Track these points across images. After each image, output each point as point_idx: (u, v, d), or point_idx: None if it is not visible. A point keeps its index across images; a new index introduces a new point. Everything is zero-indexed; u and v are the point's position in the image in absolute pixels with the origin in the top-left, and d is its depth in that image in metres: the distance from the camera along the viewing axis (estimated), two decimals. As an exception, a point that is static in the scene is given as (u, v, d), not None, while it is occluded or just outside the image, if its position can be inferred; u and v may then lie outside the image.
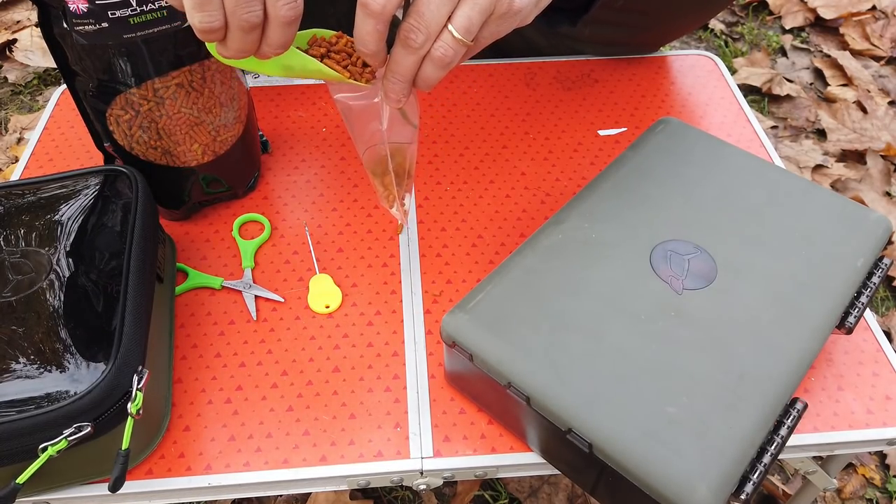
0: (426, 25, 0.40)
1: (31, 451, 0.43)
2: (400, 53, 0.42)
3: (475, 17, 0.40)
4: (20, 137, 1.31)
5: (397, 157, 0.51)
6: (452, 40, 0.41)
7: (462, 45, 0.41)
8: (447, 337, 0.48)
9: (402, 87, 0.43)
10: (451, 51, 0.41)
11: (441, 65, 0.42)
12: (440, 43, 0.41)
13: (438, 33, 0.41)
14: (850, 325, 0.50)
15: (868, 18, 1.54)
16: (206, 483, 0.50)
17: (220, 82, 0.58)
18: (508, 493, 0.87)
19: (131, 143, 0.58)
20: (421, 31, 0.40)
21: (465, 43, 0.41)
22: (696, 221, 0.54)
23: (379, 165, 0.52)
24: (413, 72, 0.43)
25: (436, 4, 0.40)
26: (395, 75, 0.43)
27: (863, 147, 1.27)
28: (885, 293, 1.09)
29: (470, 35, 0.41)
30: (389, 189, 0.53)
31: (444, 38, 0.41)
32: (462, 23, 0.40)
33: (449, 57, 0.42)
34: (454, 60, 0.42)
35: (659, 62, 0.85)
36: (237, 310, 0.60)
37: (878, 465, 0.92)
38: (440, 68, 0.42)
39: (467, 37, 0.41)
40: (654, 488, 0.41)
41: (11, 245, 0.51)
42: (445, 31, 0.41)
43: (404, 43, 0.41)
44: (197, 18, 0.38)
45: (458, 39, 0.41)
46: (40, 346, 0.45)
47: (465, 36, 0.41)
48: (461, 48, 0.42)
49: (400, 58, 0.42)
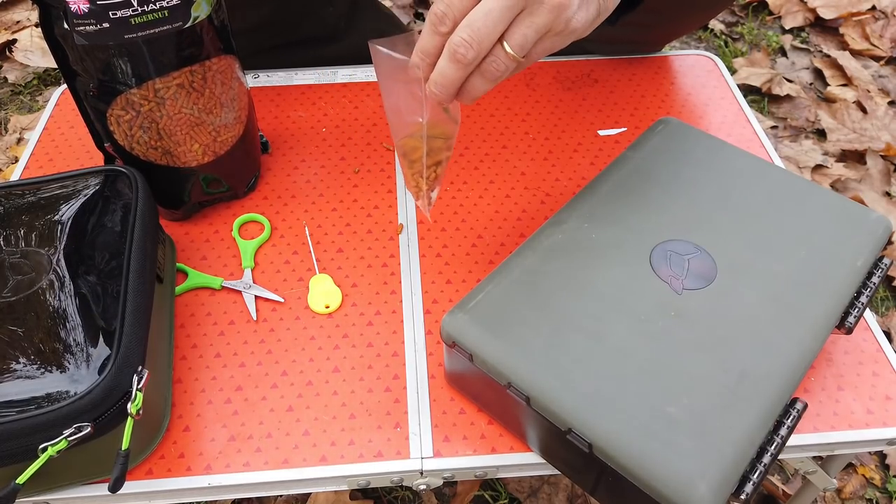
0: (479, 42, 0.38)
1: (31, 451, 0.43)
2: (447, 66, 0.40)
3: (531, 35, 0.39)
4: (20, 137, 1.31)
5: (433, 149, 0.50)
6: (505, 56, 0.39)
7: (514, 61, 0.40)
8: (447, 337, 0.48)
9: (446, 97, 0.42)
10: (503, 66, 0.40)
11: (490, 80, 0.40)
12: (492, 58, 0.39)
13: (491, 49, 0.39)
14: (849, 325, 0.50)
15: (868, 18, 1.54)
16: (206, 483, 0.50)
17: (221, 82, 0.58)
18: (508, 493, 0.87)
19: (132, 143, 0.58)
20: (472, 47, 0.38)
21: (517, 59, 0.40)
22: (696, 221, 0.54)
23: (413, 153, 0.51)
24: (459, 84, 0.41)
25: (493, 20, 0.38)
26: (439, 87, 0.41)
27: (863, 147, 1.27)
28: (885, 293, 1.09)
29: (523, 52, 0.39)
30: (417, 180, 0.52)
31: (497, 53, 0.39)
32: (518, 41, 0.39)
33: (500, 72, 0.40)
34: (504, 76, 0.41)
35: (659, 62, 0.85)
36: (237, 310, 0.60)
37: (878, 465, 0.92)
38: (488, 82, 0.41)
39: (520, 53, 0.39)
40: (654, 488, 0.41)
41: (11, 245, 0.51)
42: (499, 46, 0.39)
43: (452, 56, 0.39)
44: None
45: (510, 56, 0.39)
46: (40, 347, 0.45)
47: (518, 52, 0.39)
48: (513, 64, 0.40)
49: (447, 70, 0.40)
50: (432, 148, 0.50)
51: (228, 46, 0.59)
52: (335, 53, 0.84)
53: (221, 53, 0.58)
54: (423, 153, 0.50)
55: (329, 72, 0.83)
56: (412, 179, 0.52)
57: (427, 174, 0.51)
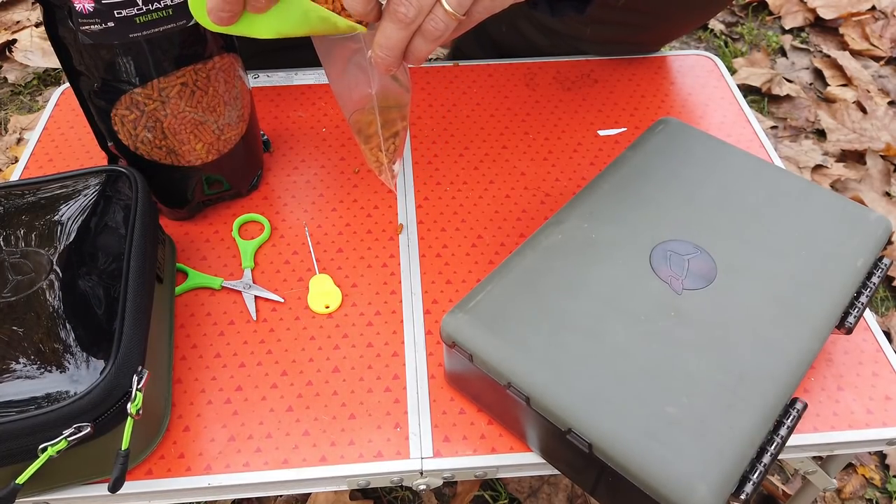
0: (418, 0, 0.38)
1: (30, 451, 0.43)
2: (389, 28, 0.40)
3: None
4: (20, 138, 1.31)
5: (388, 120, 0.49)
6: (444, 14, 0.39)
7: (454, 18, 0.40)
8: (447, 337, 0.48)
9: (392, 60, 0.41)
10: (442, 24, 0.40)
11: (431, 39, 0.40)
12: (431, 17, 0.39)
13: (430, 8, 0.39)
14: (849, 325, 0.50)
15: (868, 18, 1.54)
16: (206, 483, 0.50)
17: (224, 81, 0.58)
18: (508, 494, 0.87)
19: (136, 142, 0.58)
20: (412, 5, 0.38)
21: (457, 17, 0.40)
22: (695, 221, 0.54)
23: (368, 128, 0.50)
24: (403, 45, 0.41)
25: None
26: (384, 49, 0.41)
27: (862, 147, 1.27)
28: (885, 293, 1.09)
29: (462, 8, 0.39)
30: (377, 154, 0.51)
31: (437, 12, 0.39)
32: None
33: (440, 31, 0.40)
34: (445, 34, 0.40)
35: (659, 62, 0.85)
36: (237, 310, 0.60)
37: (878, 465, 0.92)
38: (430, 42, 0.41)
39: (459, 10, 0.39)
40: (654, 488, 0.41)
41: (11, 245, 0.51)
42: (437, 5, 0.39)
43: (393, 17, 0.39)
44: None
45: (450, 13, 0.39)
46: (40, 347, 0.45)
47: (457, 10, 0.39)
48: (453, 22, 0.40)
49: (389, 32, 0.40)
50: (387, 119, 0.49)
51: (230, 44, 0.59)
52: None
53: (224, 52, 0.58)
54: (377, 126, 0.48)
55: (329, 72, 0.83)
56: (371, 155, 0.51)
57: (386, 146, 0.50)
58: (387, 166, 0.52)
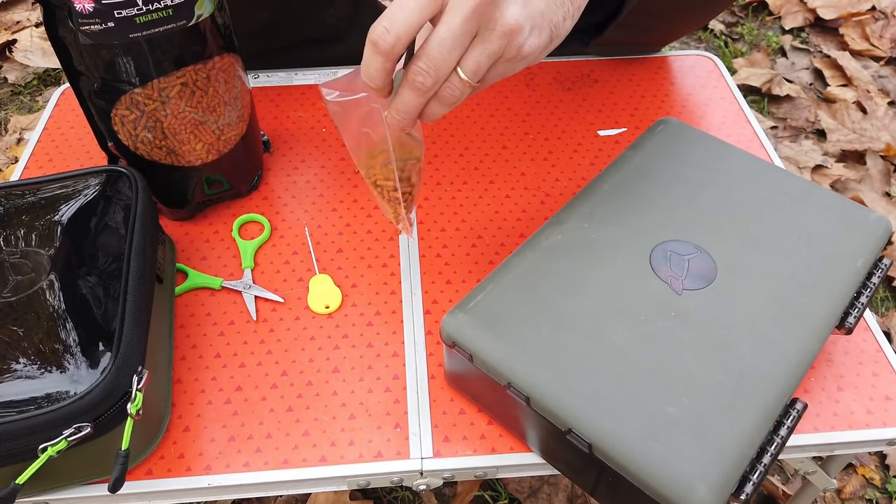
0: (436, 70, 0.40)
1: (30, 451, 0.43)
2: (407, 94, 0.42)
3: (484, 61, 0.41)
4: (20, 138, 1.31)
5: (404, 173, 0.52)
6: (460, 82, 0.42)
7: (469, 86, 0.42)
8: (447, 337, 0.48)
9: (407, 122, 0.44)
10: (458, 91, 0.42)
11: (447, 104, 0.43)
12: (448, 84, 0.42)
13: (447, 76, 0.41)
14: (849, 326, 0.50)
15: (868, 19, 1.54)
16: (206, 483, 0.50)
17: (224, 81, 0.58)
18: (508, 494, 0.87)
19: (136, 142, 0.58)
20: (430, 75, 0.41)
21: (471, 85, 0.42)
22: (696, 222, 0.54)
23: (385, 182, 0.52)
24: (419, 110, 0.43)
25: (447, 49, 0.40)
26: (401, 113, 0.43)
27: (862, 147, 1.27)
28: (885, 293, 1.09)
29: (477, 77, 0.42)
30: (395, 207, 0.53)
31: (453, 80, 0.42)
32: (471, 67, 0.41)
33: (455, 97, 0.42)
34: (460, 100, 0.43)
35: (659, 62, 0.85)
36: (237, 310, 0.60)
37: (878, 466, 0.92)
38: (446, 107, 0.43)
39: (474, 79, 0.42)
40: (654, 488, 0.41)
41: (11, 245, 0.51)
42: (454, 73, 0.41)
43: (412, 85, 0.41)
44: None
45: (465, 81, 0.42)
46: (40, 347, 0.45)
47: (472, 78, 0.42)
48: (468, 89, 0.42)
49: (407, 98, 0.42)
50: (404, 171, 0.51)
51: (231, 45, 0.59)
52: (336, 54, 0.84)
53: (224, 52, 0.58)
54: (395, 181, 0.51)
55: (329, 72, 0.83)
56: (389, 207, 0.53)
57: (403, 198, 0.52)
58: (404, 216, 0.53)
